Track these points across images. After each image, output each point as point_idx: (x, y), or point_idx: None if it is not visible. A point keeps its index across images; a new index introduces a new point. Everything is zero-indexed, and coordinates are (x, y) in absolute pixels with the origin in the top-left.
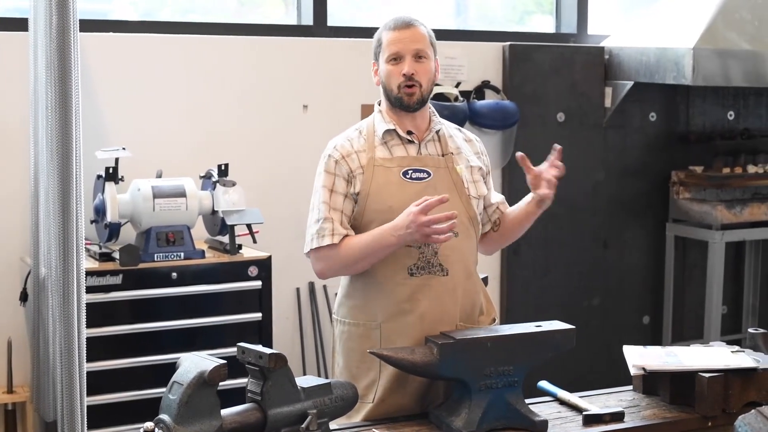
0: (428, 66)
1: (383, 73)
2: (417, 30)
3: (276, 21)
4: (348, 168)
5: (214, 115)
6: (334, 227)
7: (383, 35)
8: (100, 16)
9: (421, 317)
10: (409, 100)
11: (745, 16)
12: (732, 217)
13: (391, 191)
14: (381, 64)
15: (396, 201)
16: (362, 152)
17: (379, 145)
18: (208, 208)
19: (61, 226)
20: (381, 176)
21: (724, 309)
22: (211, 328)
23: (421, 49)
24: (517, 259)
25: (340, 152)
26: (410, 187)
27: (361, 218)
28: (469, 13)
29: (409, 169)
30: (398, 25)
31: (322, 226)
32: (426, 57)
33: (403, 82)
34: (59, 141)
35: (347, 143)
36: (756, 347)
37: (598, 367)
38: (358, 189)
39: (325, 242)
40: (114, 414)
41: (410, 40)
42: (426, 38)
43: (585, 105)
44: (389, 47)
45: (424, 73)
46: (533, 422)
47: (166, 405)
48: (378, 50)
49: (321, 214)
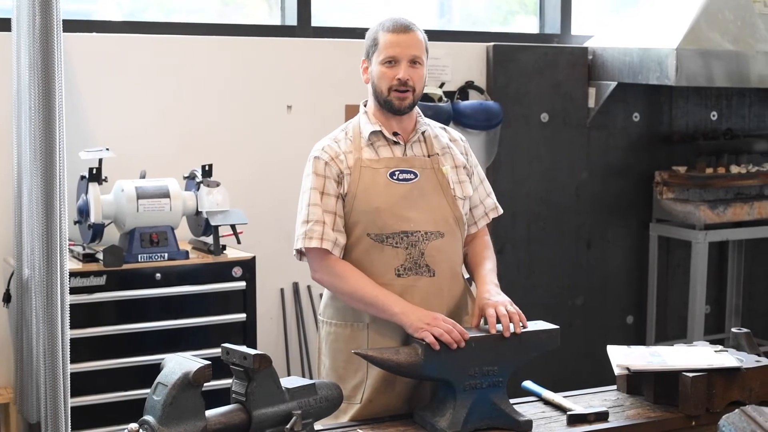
0: (422, 72)
1: (375, 74)
2: (415, 35)
3: (260, 21)
4: (338, 169)
5: (198, 116)
6: (324, 231)
7: (380, 36)
8: (84, 16)
9: None
10: (400, 104)
11: (727, 16)
12: (715, 217)
13: (377, 192)
14: (374, 64)
15: (383, 202)
16: (349, 153)
17: (366, 147)
18: (192, 208)
19: (44, 226)
20: (368, 177)
21: (708, 309)
22: (195, 329)
23: (417, 56)
24: (501, 260)
25: (328, 154)
26: (397, 188)
27: (348, 219)
28: (453, 14)
29: (395, 170)
30: (397, 28)
31: (312, 228)
32: (421, 63)
33: (396, 86)
34: (42, 141)
35: (334, 144)
36: (739, 347)
37: (583, 367)
38: (346, 190)
39: (313, 244)
40: (98, 415)
41: (408, 45)
42: (422, 45)
43: (568, 105)
44: (386, 50)
45: (418, 79)
46: (518, 422)
47: (150, 406)
48: (372, 49)
49: (311, 217)
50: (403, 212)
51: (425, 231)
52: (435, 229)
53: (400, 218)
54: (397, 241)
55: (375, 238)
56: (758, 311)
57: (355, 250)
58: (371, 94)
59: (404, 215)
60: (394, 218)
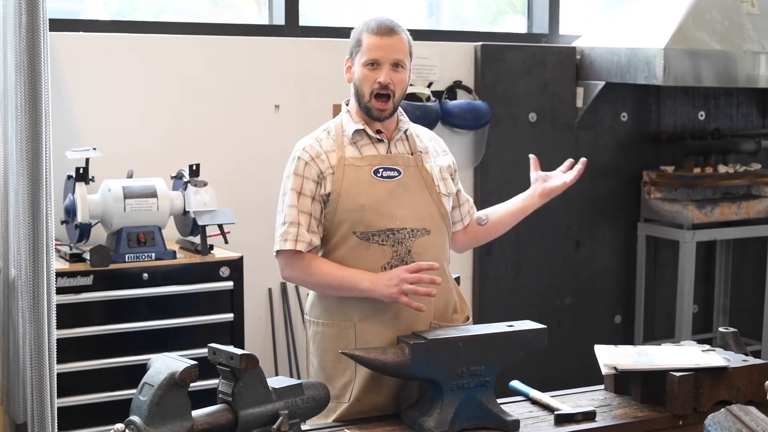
0: (404, 76)
1: (357, 76)
2: (399, 38)
3: (248, 21)
4: (318, 169)
5: (186, 115)
6: (299, 233)
7: (364, 37)
8: (71, 15)
9: (396, 316)
10: (380, 115)
11: (715, 16)
12: (703, 216)
13: (362, 190)
14: (356, 65)
15: (367, 200)
16: (332, 152)
17: (349, 145)
18: (180, 208)
19: (31, 226)
20: (352, 176)
21: (695, 308)
22: (182, 329)
23: (400, 59)
24: (489, 259)
25: (309, 153)
26: (381, 186)
27: (332, 218)
28: (441, 13)
29: (379, 167)
30: (381, 31)
31: (287, 230)
32: (403, 67)
33: (377, 89)
34: (29, 141)
35: (316, 144)
36: (726, 346)
37: (570, 367)
38: (329, 189)
39: (287, 246)
40: (85, 415)
41: (391, 48)
42: (406, 48)
43: (557, 105)
44: (369, 52)
45: (400, 83)
46: (505, 422)
47: (136, 406)
48: (356, 50)
49: (287, 218)
50: (389, 210)
51: (411, 228)
52: (421, 226)
53: (386, 216)
54: (383, 238)
55: (361, 236)
56: (745, 311)
57: (341, 248)
58: (353, 96)
59: (389, 213)
60: (379, 216)
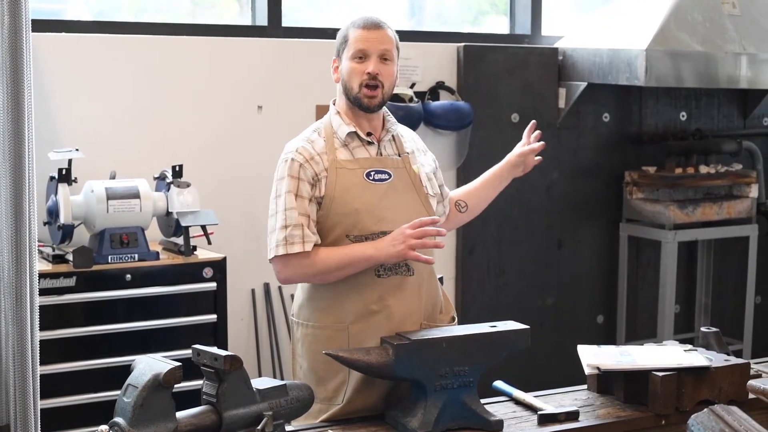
0: (392, 69)
1: (345, 71)
2: (385, 32)
3: (230, 21)
4: (313, 171)
5: (168, 116)
6: (305, 234)
7: (350, 32)
8: (54, 15)
9: (388, 317)
10: (370, 103)
11: (696, 17)
12: (684, 217)
13: (355, 193)
14: (344, 61)
15: (361, 203)
16: (324, 154)
17: (340, 147)
18: (163, 209)
19: (13, 228)
20: (345, 179)
21: (677, 308)
22: (165, 330)
23: (387, 50)
24: (472, 259)
25: (303, 155)
26: (374, 189)
27: (325, 222)
28: (423, 14)
29: (371, 170)
30: (367, 25)
31: (291, 233)
32: (391, 59)
33: (366, 81)
34: (11, 142)
35: (308, 145)
36: (708, 346)
37: (553, 367)
38: (323, 192)
39: (295, 249)
40: (68, 417)
41: (378, 40)
42: (393, 41)
43: (539, 106)
44: (356, 44)
45: (388, 75)
46: (488, 422)
47: (120, 408)
48: (342, 47)
49: (290, 221)
50: (381, 213)
51: None
52: None
53: (378, 219)
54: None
55: (354, 240)
56: (727, 310)
57: None
58: (341, 93)
59: (382, 216)
60: (372, 219)
